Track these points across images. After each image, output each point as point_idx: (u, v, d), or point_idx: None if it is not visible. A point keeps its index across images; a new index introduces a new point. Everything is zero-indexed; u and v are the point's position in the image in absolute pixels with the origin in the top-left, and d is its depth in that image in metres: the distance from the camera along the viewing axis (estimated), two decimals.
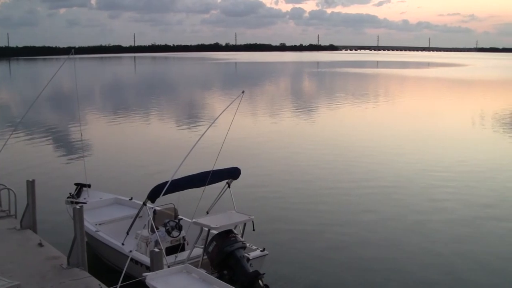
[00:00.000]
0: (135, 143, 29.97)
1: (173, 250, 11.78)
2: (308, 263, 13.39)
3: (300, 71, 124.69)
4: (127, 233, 12.12)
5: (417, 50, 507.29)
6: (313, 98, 58.22)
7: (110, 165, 24.53)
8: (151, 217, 11.47)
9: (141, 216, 12.30)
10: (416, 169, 23.15)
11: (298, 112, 44.08)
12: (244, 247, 10.74)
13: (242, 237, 11.14)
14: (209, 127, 11.03)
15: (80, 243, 10.53)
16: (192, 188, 11.70)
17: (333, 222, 16.47)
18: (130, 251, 11.02)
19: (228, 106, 10.67)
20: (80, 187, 15.25)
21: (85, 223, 11.32)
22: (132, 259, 10.61)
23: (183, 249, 11.86)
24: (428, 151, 27.34)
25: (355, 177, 21.84)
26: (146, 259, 10.95)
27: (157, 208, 12.32)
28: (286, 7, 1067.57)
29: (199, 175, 11.65)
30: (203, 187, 11.38)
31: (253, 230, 11.38)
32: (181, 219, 12.52)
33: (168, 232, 11.93)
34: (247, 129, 33.26)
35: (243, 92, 10.83)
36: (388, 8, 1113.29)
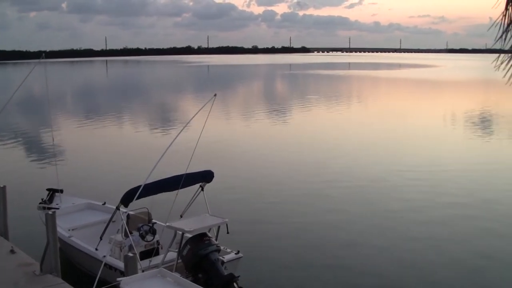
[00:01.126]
0: (108, 147, 29.79)
1: (147, 254, 11.73)
2: (283, 264, 13.44)
3: (273, 74, 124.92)
4: (101, 238, 12.04)
5: (389, 52, 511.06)
6: (285, 100, 58.39)
7: (82, 169, 24.33)
8: (124, 221, 11.40)
9: (114, 221, 12.23)
10: (388, 169, 23.37)
11: (271, 114, 44.16)
12: (219, 250, 10.74)
13: (216, 240, 11.13)
14: (181, 130, 11.00)
15: (53, 249, 10.44)
16: (165, 191, 11.67)
17: (308, 223, 16.56)
18: (104, 256, 10.93)
19: (200, 109, 10.66)
20: (52, 192, 15.09)
21: (58, 229, 11.22)
22: (106, 264, 10.54)
23: (157, 253, 11.81)
24: (399, 151, 27.63)
25: (328, 178, 21.96)
26: (120, 264, 10.88)
27: (131, 213, 12.25)
28: (258, 10, 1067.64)
29: (172, 178, 11.62)
30: (177, 191, 11.36)
31: (227, 232, 11.39)
32: (155, 223, 12.47)
33: (142, 237, 11.88)
34: (220, 132, 33.22)
35: (215, 95, 10.85)
36: (360, 10, 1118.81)
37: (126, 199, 11.13)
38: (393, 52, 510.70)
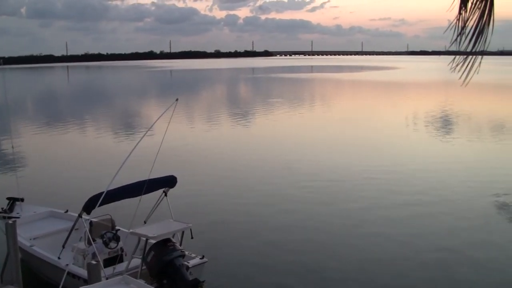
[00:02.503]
0: (69, 154, 29.39)
1: (111, 261, 11.61)
2: (248, 268, 13.45)
3: (236, 78, 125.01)
4: (63, 247, 11.87)
5: (351, 54, 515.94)
6: (248, 104, 58.47)
7: (43, 177, 23.99)
8: (87, 229, 11.28)
9: (77, 229, 12.07)
10: (350, 169, 23.58)
11: (234, 118, 44.18)
12: (183, 256, 10.69)
13: (180, 245, 11.08)
14: (143, 136, 10.95)
15: (13, 259, 10.27)
16: (128, 198, 11.57)
17: (272, 225, 16.60)
18: (67, 264, 10.79)
19: (162, 114, 10.62)
20: (12, 201, 14.82)
21: (19, 238, 11.04)
22: (69, 273, 10.40)
23: (121, 260, 11.71)
24: (362, 151, 27.86)
25: (292, 179, 22.08)
26: (83, 272, 10.74)
27: (94, 220, 12.13)
28: (220, 14, 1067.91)
29: (135, 184, 11.53)
30: (140, 197, 11.28)
31: (192, 238, 11.35)
32: (119, 229, 12.36)
33: (106, 244, 11.76)
34: (183, 136, 33.10)
35: (177, 100, 10.82)
36: (322, 14, 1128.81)
37: (89, 206, 11.00)
38: (355, 54, 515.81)
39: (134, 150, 10.37)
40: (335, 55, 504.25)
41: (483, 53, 5.16)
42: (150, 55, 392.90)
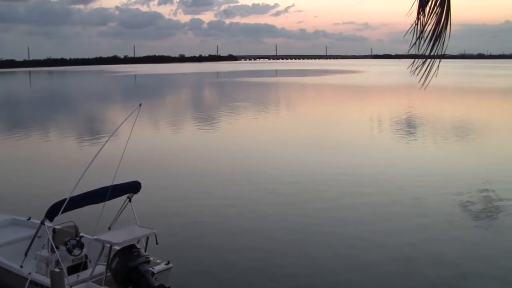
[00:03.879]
0: (31, 161, 28.96)
1: (75, 269, 11.46)
2: (214, 273, 13.42)
3: (200, 82, 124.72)
4: (26, 255, 11.67)
5: (315, 58, 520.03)
6: (213, 109, 58.37)
7: (5, 184, 23.59)
8: (50, 236, 11.13)
9: (40, 236, 11.89)
10: (314, 172, 23.71)
11: (198, 123, 44.07)
12: (148, 261, 10.62)
13: (145, 251, 11.01)
14: (106, 141, 10.86)
15: None
16: (92, 204, 11.46)
17: (237, 230, 16.59)
18: (30, 273, 10.64)
19: (125, 119, 10.56)
20: None
21: None
22: (31, 281, 10.26)
23: (85, 267, 11.57)
24: (325, 154, 28.06)
25: (256, 183, 22.10)
26: (46, 280, 10.59)
27: (57, 227, 11.96)
28: (184, 18, 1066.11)
29: (99, 190, 11.42)
30: (104, 203, 11.17)
31: (156, 243, 11.28)
32: (82, 236, 12.21)
33: (69, 251, 11.60)
34: (147, 141, 32.90)
35: (140, 105, 10.78)
36: (286, 18, 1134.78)
37: (51, 213, 10.86)
38: (319, 58, 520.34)
39: (98, 156, 10.28)
40: (299, 59, 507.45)
41: (441, 56, 5.25)
42: (114, 60, 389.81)
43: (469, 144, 31.86)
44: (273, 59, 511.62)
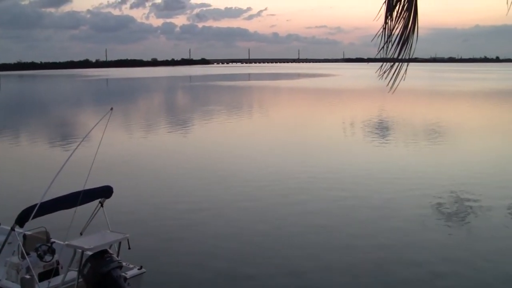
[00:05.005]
0: (0, 166, 28.58)
1: (46, 275, 11.32)
2: (187, 276, 13.39)
3: (173, 86, 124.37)
4: None
5: (288, 62, 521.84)
6: (186, 112, 58.27)
7: None
8: (20, 242, 10.98)
9: (10, 242, 11.72)
10: (287, 176, 23.77)
11: (170, 126, 43.93)
12: (121, 267, 10.54)
13: (118, 256, 10.92)
14: (77, 146, 10.79)
15: None
16: (63, 209, 11.34)
17: (210, 234, 16.56)
18: None
19: (96, 123, 10.49)
20: None
21: None
22: None
23: (57, 274, 11.43)
24: (297, 157, 28.15)
25: (228, 187, 22.12)
26: (17, 287, 10.47)
27: (27, 233, 11.81)
28: (157, 22, 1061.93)
29: (70, 195, 11.31)
30: (75, 208, 11.07)
31: (129, 248, 11.21)
32: (54, 242, 12.06)
33: (40, 257, 11.45)
34: (119, 146, 32.69)
35: (111, 109, 10.70)
36: (259, 22, 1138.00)
37: (22, 219, 10.72)
38: (292, 62, 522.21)
39: (69, 161, 10.20)
40: (272, 62, 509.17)
41: (409, 60, 5.31)
42: (86, 64, 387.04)
43: (440, 147, 32.23)
44: (246, 62, 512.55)
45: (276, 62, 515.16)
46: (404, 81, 5.53)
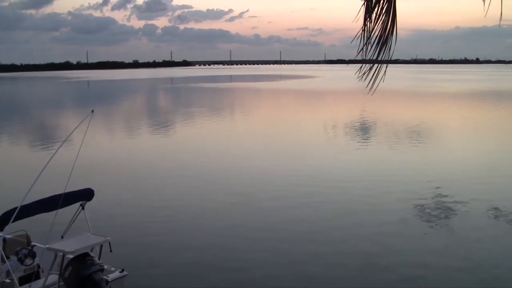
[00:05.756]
0: None
1: (27, 279, 11.23)
2: (169, 279, 13.37)
3: (154, 88, 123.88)
4: None
5: (269, 64, 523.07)
6: (167, 114, 58.11)
7: None
8: (0, 246, 10.89)
9: None
10: (270, 178, 23.80)
11: (152, 129, 43.78)
12: (102, 270, 10.48)
13: (99, 259, 10.86)
14: (58, 148, 10.71)
15: None
16: (44, 212, 11.25)
17: (192, 236, 16.54)
18: None
19: (77, 126, 10.44)
20: None
21: None
22: None
23: (37, 277, 11.34)
24: (281, 158, 28.19)
25: (210, 189, 22.07)
26: None
27: (7, 236, 11.70)
28: (138, 24, 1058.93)
29: (51, 198, 11.23)
30: (56, 211, 10.99)
31: (110, 251, 11.14)
32: (35, 245, 11.97)
33: (21, 261, 11.35)
34: (100, 148, 32.53)
35: (92, 111, 10.66)
36: (240, 24, 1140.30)
37: (2, 222, 10.64)
38: (273, 63, 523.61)
39: (50, 163, 10.13)
40: (254, 64, 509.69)
41: (388, 61, 5.35)
42: (67, 66, 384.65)
43: (420, 147, 32.42)
44: (228, 64, 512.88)
45: (257, 64, 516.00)
46: (386, 83, 5.58)
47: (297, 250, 15.20)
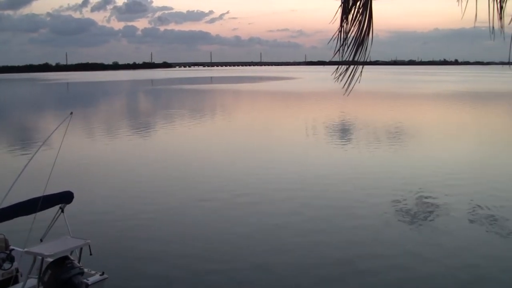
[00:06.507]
0: None
1: (5, 283, 11.13)
2: (149, 282, 13.31)
3: (134, 90, 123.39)
4: None
5: (250, 65, 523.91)
6: (147, 117, 57.89)
7: None
8: None
9: None
10: (250, 180, 23.83)
11: (132, 131, 43.57)
12: (82, 273, 10.41)
13: (79, 262, 10.80)
14: (36, 151, 10.66)
15: None
16: (22, 215, 11.15)
17: (172, 239, 16.49)
18: None
19: (56, 128, 10.37)
20: None
21: None
22: None
23: (16, 282, 11.24)
24: (263, 160, 28.23)
25: (191, 192, 22.01)
26: None
27: None
28: (118, 25, 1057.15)
29: (29, 201, 11.12)
30: (35, 214, 10.91)
31: (90, 254, 11.08)
32: (13, 249, 11.85)
33: None
34: (79, 150, 32.31)
35: (71, 113, 10.60)
36: (220, 25, 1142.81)
37: None
38: (254, 65, 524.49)
39: (28, 166, 10.07)
40: (234, 65, 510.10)
41: (364, 63, 5.39)
42: (45, 68, 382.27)
43: (401, 147, 32.65)
44: (208, 66, 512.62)
45: (238, 65, 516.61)
46: (366, 84, 5.63)
47: (273, 253, 15.22)
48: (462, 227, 17.21)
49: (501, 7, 4.95)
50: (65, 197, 11.89)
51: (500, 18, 4.97)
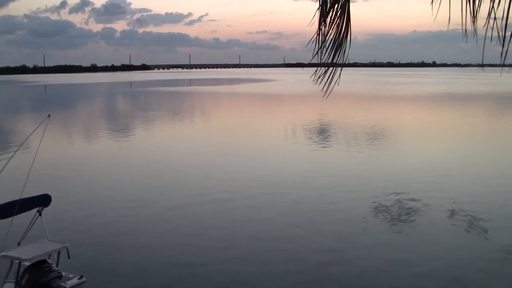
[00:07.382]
0: None
1: None
2: (129, 285, 13.25)
3: (113, 92, 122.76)
4: None
5: (228, 67, 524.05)
6: (126, 119, 57.60)
7: None
8: None
9: None
10: (231, 182, 23.79)
11: (111, 133, 43.32)
12: (60, 277, 10.34)
13: (57, 266, 10.72)
14: (13, 154, 10.56)
15: None
16: None
17: (152, 242, 16.39)
18: None
19: (33, 131, 10.29)
20: None
21: None
22: None
23: None
24: (242, 164, 28.24)
25: (171, 195, 21.92)
26: None
27: None
28: (96, 27, 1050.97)
29: (6, 205, 11.02)
30: (12, 218, 10.81)
31: (68, 257, 11.00)
32: None
33: None
34: (57, 153, 32.06)
35: (49, 115, 10.53)
36: (199, 27, 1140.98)
37: None
38: (232, 67, 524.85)
39: (5, 169, 9.99)
40: (213, 68, 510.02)
41: (342, 65, 5.43)
42: (23, 70, 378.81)
43: (380, 149, 32.82)
44: (187, 68, 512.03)
45: (217, 67, 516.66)
46: (345, 86, 5.67)
47: (249, 257, 15.22)
48: (441, 228, 17.31)
49: (474, 10, 5.01)
50: (43, 200, 11.80)
51: (473, 21, 5.03)
